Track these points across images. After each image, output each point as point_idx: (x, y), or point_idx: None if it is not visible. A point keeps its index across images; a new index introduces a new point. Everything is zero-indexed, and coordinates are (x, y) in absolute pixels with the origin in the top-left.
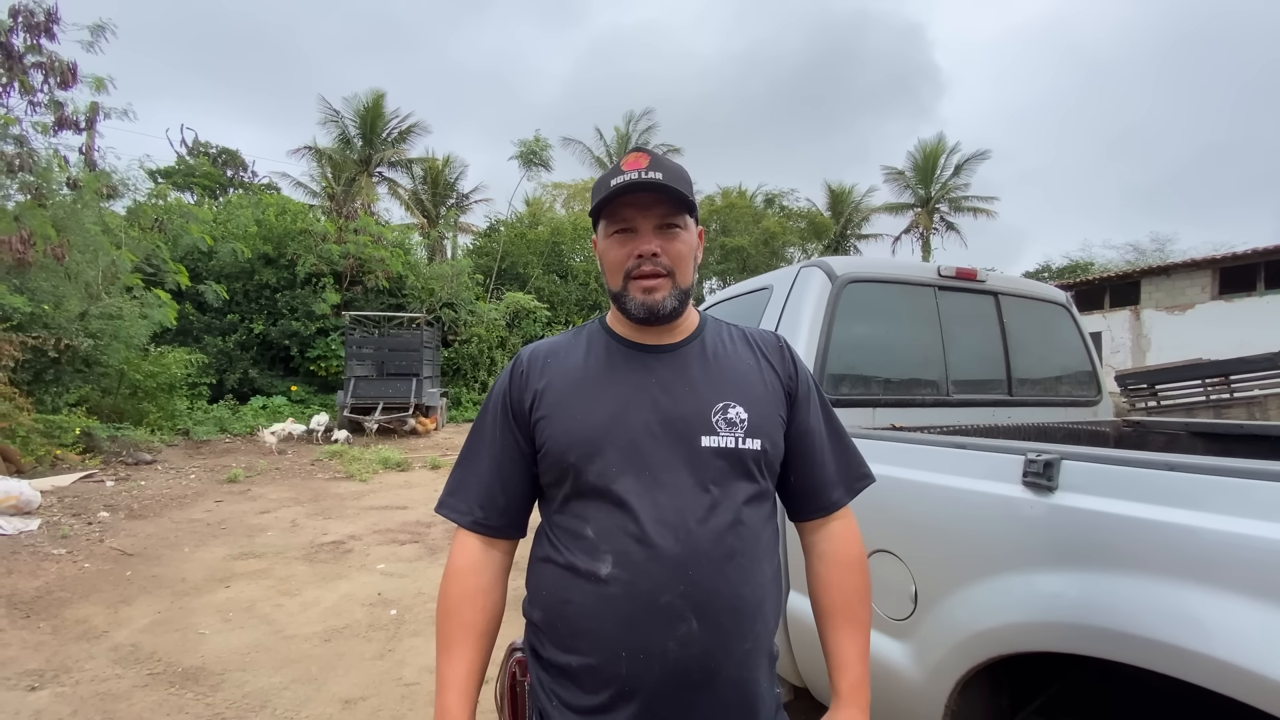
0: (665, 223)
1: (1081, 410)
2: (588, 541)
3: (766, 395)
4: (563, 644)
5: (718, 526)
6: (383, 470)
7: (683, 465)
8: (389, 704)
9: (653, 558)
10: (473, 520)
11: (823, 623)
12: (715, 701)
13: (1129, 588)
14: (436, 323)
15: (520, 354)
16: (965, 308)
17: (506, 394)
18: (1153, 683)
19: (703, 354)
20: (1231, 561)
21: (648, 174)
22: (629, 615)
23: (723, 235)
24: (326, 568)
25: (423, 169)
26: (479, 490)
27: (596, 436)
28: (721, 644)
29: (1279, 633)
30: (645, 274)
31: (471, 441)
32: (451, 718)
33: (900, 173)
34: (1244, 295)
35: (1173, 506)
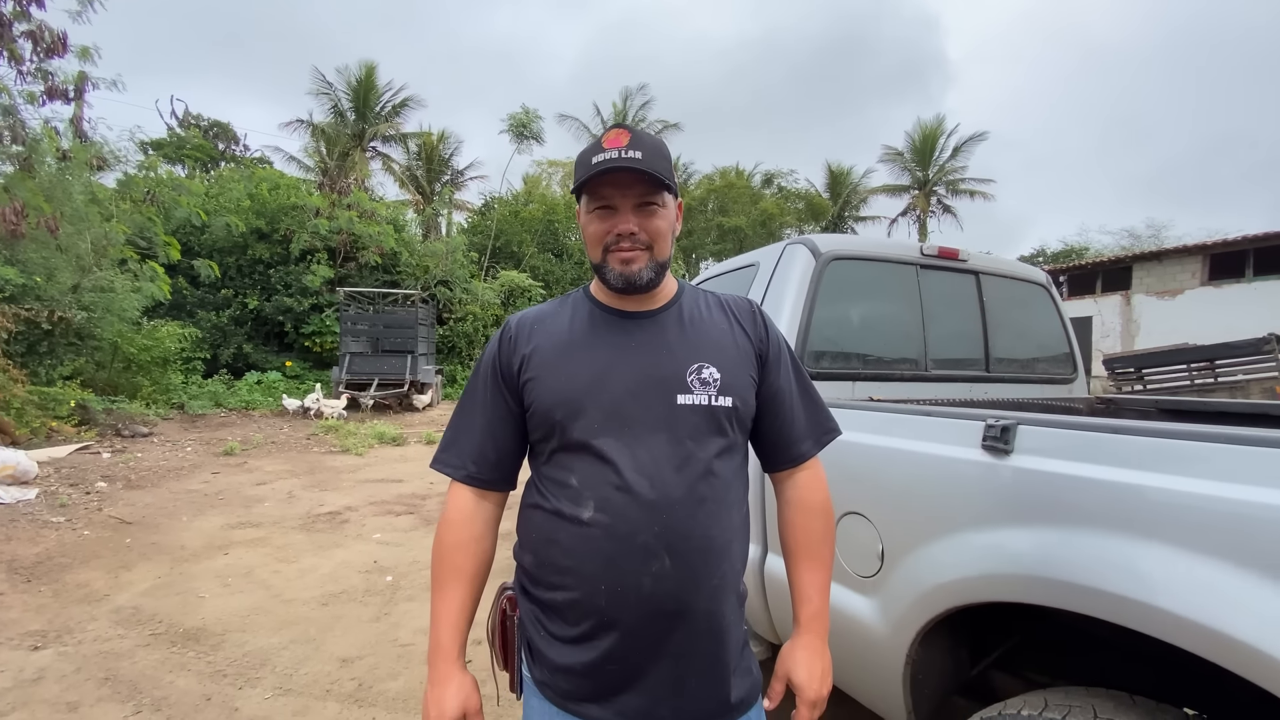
0: (643, 201)
1: (1058, 387)
2: (572, 490)
3: (738, 357)
4: (549, 582)
5: (691, 476)
6: (378, 445)
7: (660, 421)
8: (385, 662)
9: (631, 503)
10: (465, 474)
11: (789, 561)
12: (685, 630)
13: (1078, 542)
14: (431, 300)
15: (509, 321)
16: (946, 286)
17: (496, 358)
18: (1103, 635)
19: (679, 319)
20: (1172, 517)
21: (627, 153)
22: (609, 554)
23: (720, 215)
24: (323, 537)
25: (417, 144)
26: (471, 447)
27: (580, 396)
28: (691, 579)
29: (1213, 583)
30: (624, 248)
31: (464, 403)
32: (443, 648)
33: (899, 154)
34: (1233, 282)
35: (1120, 467)
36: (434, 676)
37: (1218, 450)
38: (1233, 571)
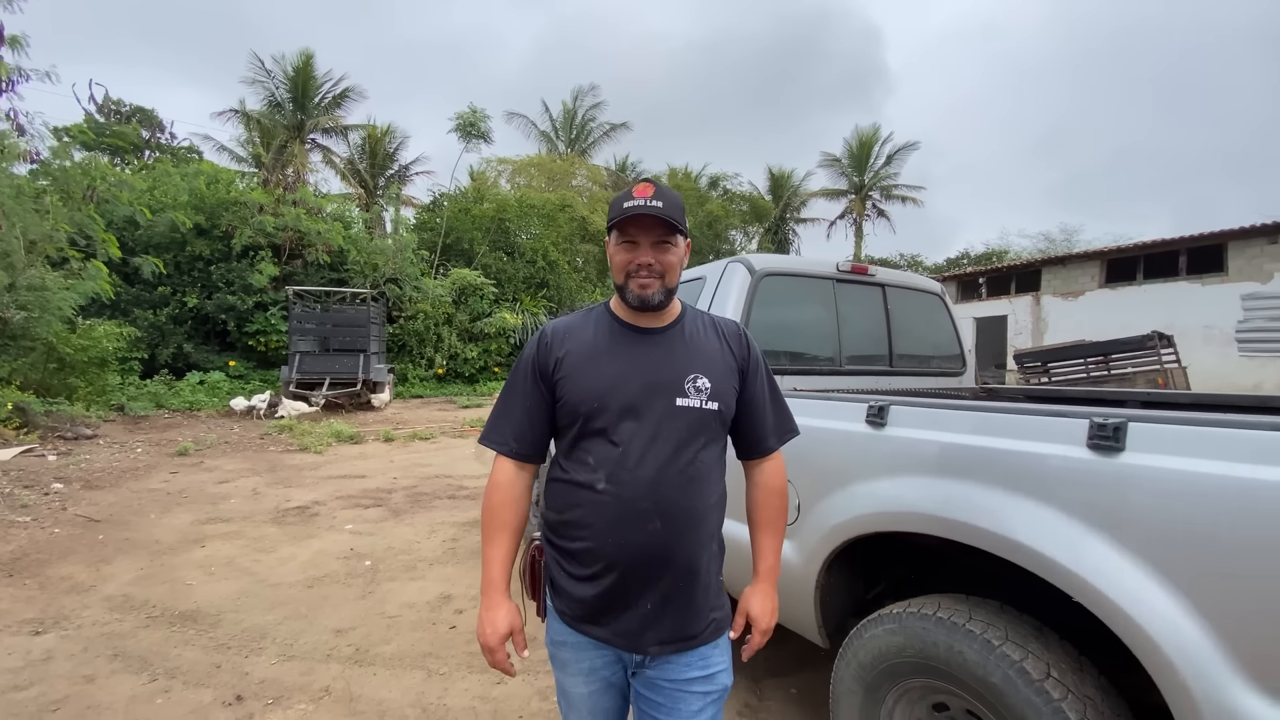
0: (660, 240)
1: (950, 379)
2: (589, 466)
3: (725, 370)
4: (569, 535)
5: (681, 461)
6: (336, 443)
7: (663, 416)
8: (376, 631)
9: (634, 479)
10: (509, 449)
11: (753, 529)
12: (668, 575)
13: (929, 486)
14: (381, 298)
15: (545, 328)
16: (858, 297)
17: (535, 358)
18: (966, 562)
19: (681, 336)
20: (986, 465)
21: (651, 203)
22: (615, 515)
23: None
24: (296, 529)
25: (360, 137)
26: (513, 428)
27: (602, 395)
28: (676, 537)
29: (1033, 514)
30: (642, 276)
31: (506, 394)
32: (495, 583)
33: (836, 159)
34: (1126, 285)
35: (957, 433)
36: (487, 603)
37: (1012, 420)
38: (1016, 497)
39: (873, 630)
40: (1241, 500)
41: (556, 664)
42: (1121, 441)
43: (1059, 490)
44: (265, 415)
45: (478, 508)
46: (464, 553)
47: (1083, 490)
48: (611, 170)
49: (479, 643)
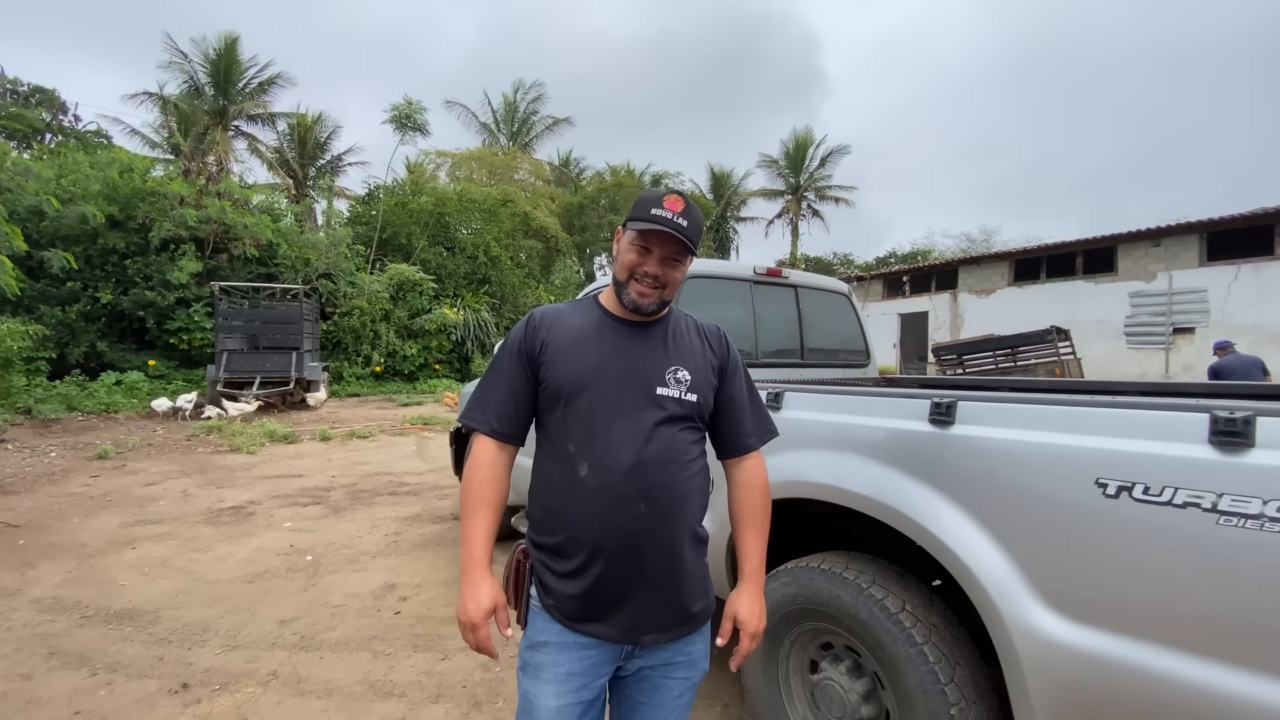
0: (671, 256)
1: (855, 370)
2: (570, 453)
3: (704, 367)
4: (552, 527)
5: (661, 444)
6: (269, 443)
7: (644, 402)
8: (321, 620)
9: (616, 463)
10: (490, 429)
11: (736, 529)
12: (652, 558)
13: (821, 459)
14: (314, 294)
15: (533, 312)
16: (773, 297)
17: (522, 340)
18: (851, 524)
19: (666, 333)
20: (867, 440)
21: (678, 219)
22: (599, 501)
23: (611, 213)
24: (231, 528)
25: (289, 125)
26: (496, 408)
27: (584, 378)
28: (658, 520)
29: (888, 477)
30: (645, 284)
31: (490, 375)
32: (477, 558)
33: (774, 161)
34: (1032, 283)
35: (836, 414)
36: (470, 579)
37: (876, 402)
38: (878, 464)
39: (771, 584)
40: (1036, 459)
41: (528, 671)
42: (953, 416)
43: (908, 456)
44: (191, 416)
45: (419, 503)
46: (407, 545)
47: (924, 455)
48: (555, 165)
49: (460, 621)
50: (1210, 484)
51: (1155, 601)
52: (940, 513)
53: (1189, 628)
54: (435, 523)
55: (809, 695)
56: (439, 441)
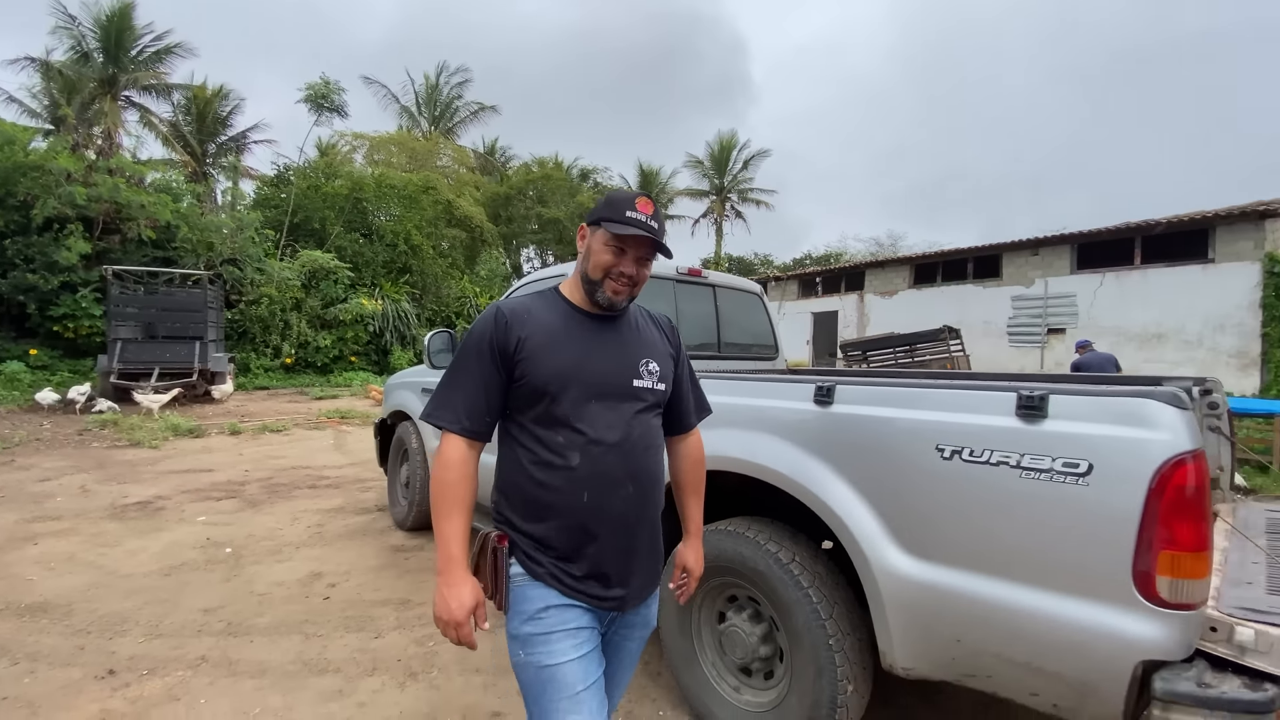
0: (644, 256)
1: (765, 363)
2: (559, 445)
3: (665, 356)
4: (538, 516)
5: (641, 431)
6: (173, 437)
7: (624, 394)
8: (248, 608)
9: (605, 451)
10: (461, 427)
11: (680, 494)
12: (641, 534)
13: (730, 436)
14: (218, 280)
15: (500, 309)
16: (693, 295)
17: (493, 337)
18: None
19: (629, 326)
20: (767, 419)
21: (651, 222)
22: (593, 487)
23: (540, 205)
24: (140, 523)
25: (186, 98)
26: (466, 406)
27: (568, 374)
28: (643, 499)
29: (781, 448)
30: (620, 284)
31: (456, 373)
32: (456, 559)
33: (700, 161)
34: (929, 286)
35: (741, 397)
36: (450, 580)
37: (772, 387)
38: (775, 438)
39: None
40: (893, 431)
41: (536, 641)
42: (832, 398)
43: (798, 431)
44: (82, 410)
45: (341, 496)
46: (331, 536)
47: (808, 429)
48: (480, 153)
49: (442, 619)
50: (1016, 446)
51: (976, 539)
52: (822, 477)
53: (999, 558)
54: (360, 514)
55: (717, 643)
56: (359, 435)
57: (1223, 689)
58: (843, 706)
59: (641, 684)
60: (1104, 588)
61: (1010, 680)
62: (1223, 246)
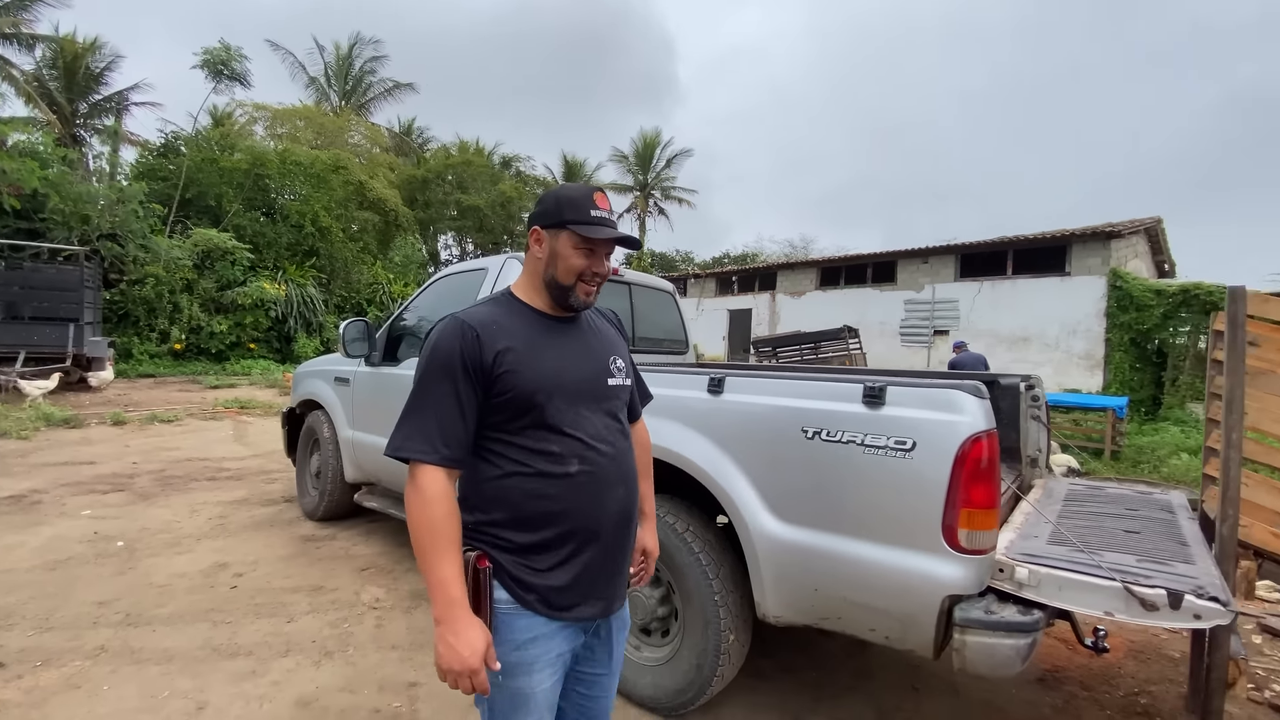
0: (609, 253)
1: (676, 357)
2: (554, 455)
3: (624, 351)
4: (533, 526)
5: (622, 430)
6: (46, 428)
7: (603, 395)
8: (147, 599)
9: (600, 455)
10: (441, 457)
11: None
12: (629, 531)
13: None
14: (95, 257)
15: (465, 323)
16: (610, 292)
17: (464, 355)
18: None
19: (589, 326)
20: (668, 408)
21: (612, 217)
22: (593, 491)
23: (459, 191)
24: (15, 518)
25: (52, 50)
26: (443, 433)
27: (553, 381)
28: (632, 497)
29: (680, 431)
30: (594, 284)
31: (426, 397)
32: (460, 602)
33: (624, 156)
34: (834, 288)
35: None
36: (455, 627)
37: (674, 376)
38: (676, 423)
39: None
40: (769, 415)
41: (520, 670)
42: (722, 388)
43: (693, 416)
44: None
45: (244, 488)
46: (235, 528)
47: (703, 414)
48: (395, 133)
49: (453, 670)
50: (862, 428)
51: (830, 504)
52: (710, 454)
53: (847, 519)
54: (266, 505)
55: None
56: (262, 425)
57: (1003, 614)
58: (725, 653)
59: None
60: (922, 540)
61: (855, 620)
62: (1077, 262)
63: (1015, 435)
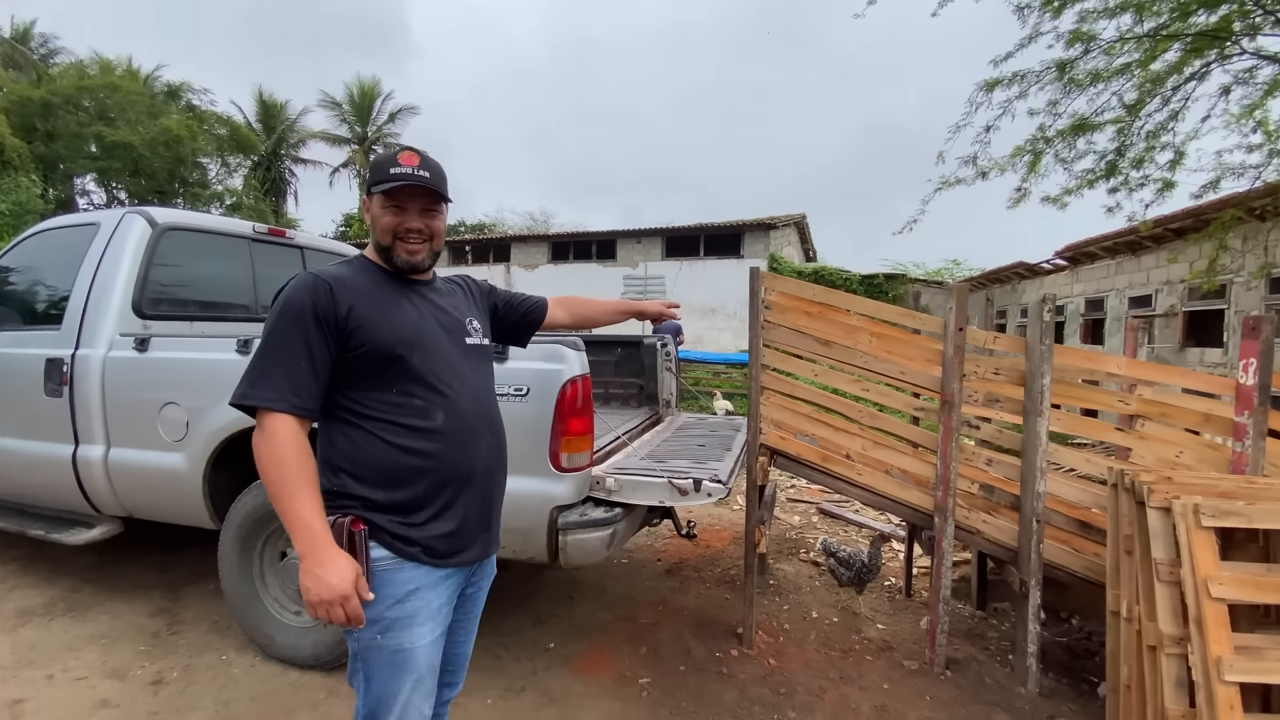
0: (427, 208)
1: None
2: (418, 407)
3: (480, 314)
4: (403, 481)
5: (485, 384)
6: None
7: (463, 353)
8: None
9: (465, 408)
10: (289, 405)
11: (604, 316)
12: (499, 480)
13: None
14: None
15: (318, 277)
16: (276, 256)
17: (316, 307)
18: None
19: (441, 292)
20: None
21: (419, 172)
22: (460, 442)
23: (101, 122)
24: None
25: None
26: (293, 383)
27: (412, 336)
28: (499, 446)
29: None
30: (411, 241)
31: (270, 347)
32: (323, 534)
33: (337, 104)
34: (565, 262)
35: None
36: (323, 556)
37: None
38: None
39: (243, 500)
40: None
41: (399, 625)
42: None
43: None
44: None
45: None
46: None
47: None
48: (4, 39)
49: (324, 599)
50: (500, 379)
51: None
52: None
53: None
54: None
55: (279, 580)
56: None
57: (591, 515)
58: None
59: (205, 639)
60: (536, 467)
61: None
62: (748, 247)
63: (654, 383)
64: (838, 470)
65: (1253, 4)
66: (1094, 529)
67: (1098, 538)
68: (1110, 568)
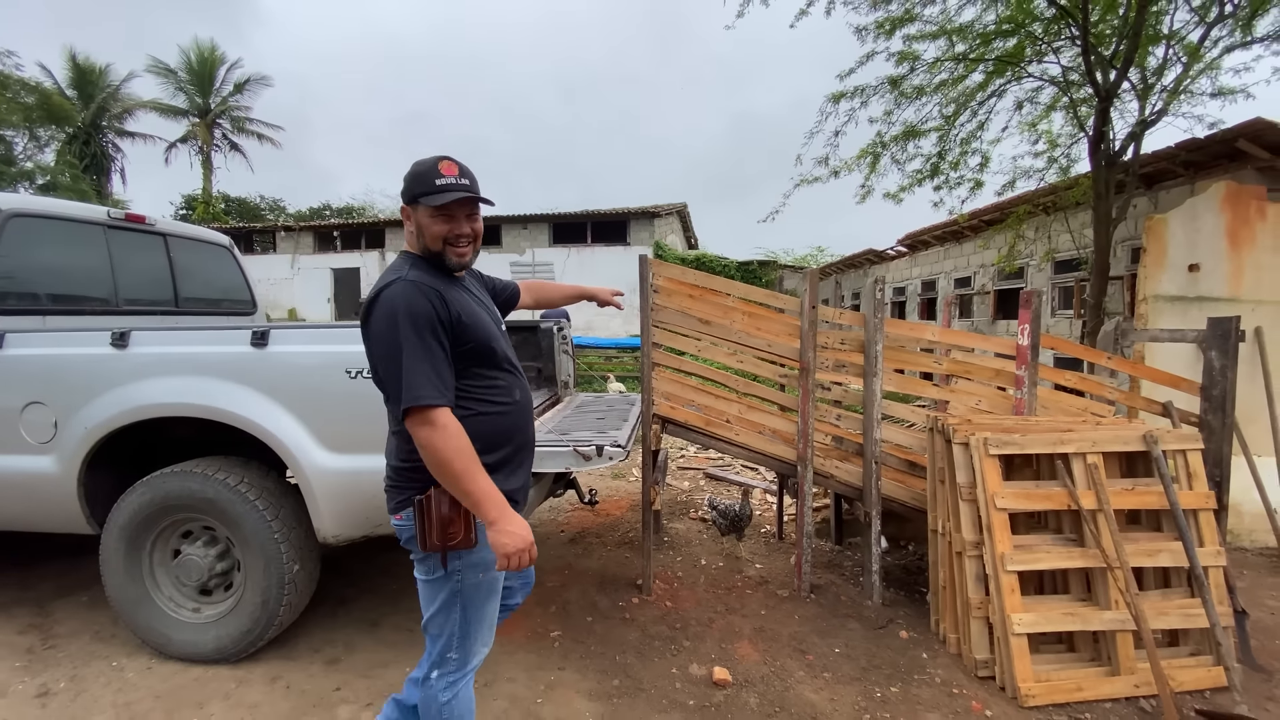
0: (471, 213)
1: (243, 318)
2: (504, 385)
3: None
4: (499, 443)
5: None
6: None
7: (505, 338)
8: None
9: (524, 384)
10: (448, 400)
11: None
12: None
13: (174, 383)
14: None
15: (423, 287)
16: (136, 243)
17: (436, 314)
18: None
19: (474, 286)
20: (198, 365)
21: (460, 180)
22: (526, 411)
23: None
24: None
25: None
26: (442, 380)
27: (490, 332)
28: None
29: (227, 388)
30: (461, 245)
31: (420, 352)
32: (503, 503)
33: (171, 71)
34: None
35: (178, 345)
36: (511, 518)
37: (220, 334)
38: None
39: (127, 499)
40: (315, 362)
41: (485, 586)
42: (268, 341)
43: (232, 371)
44: None
45: None
46: None
47: (247, 369)
48: None
49: (519, 549)
50: None
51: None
52: (255, 404)
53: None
54: None
55: (173, 578)
56: None
57: None
58: (291, 583)
59: (90, 649)
60: None
61: None
62: (633, 235)
63: (552, 365)
64: (719, 433)
65: (1041, 33)
66: (919, 467)
67: (922, 474)
68: (930, 495)
